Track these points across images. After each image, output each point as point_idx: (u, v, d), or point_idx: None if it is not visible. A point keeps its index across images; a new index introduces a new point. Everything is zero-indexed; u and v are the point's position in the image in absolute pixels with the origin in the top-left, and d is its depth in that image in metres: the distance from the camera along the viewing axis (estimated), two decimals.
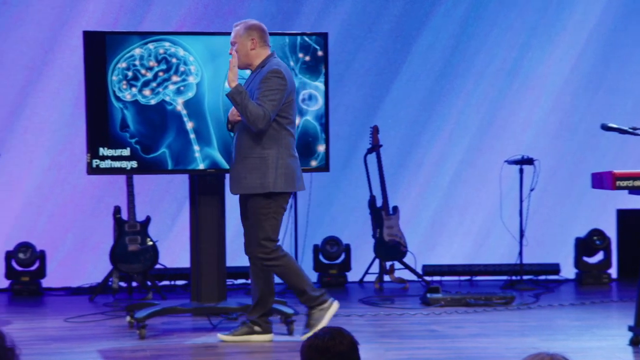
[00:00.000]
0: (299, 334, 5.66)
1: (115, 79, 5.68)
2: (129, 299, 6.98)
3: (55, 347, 5.44)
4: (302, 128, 5.89)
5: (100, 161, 5.71)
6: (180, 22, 7.46)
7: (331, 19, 7.66)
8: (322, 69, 5.89)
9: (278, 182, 5.35)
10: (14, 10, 7.32)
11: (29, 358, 2.37)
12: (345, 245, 7.60)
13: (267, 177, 5.34)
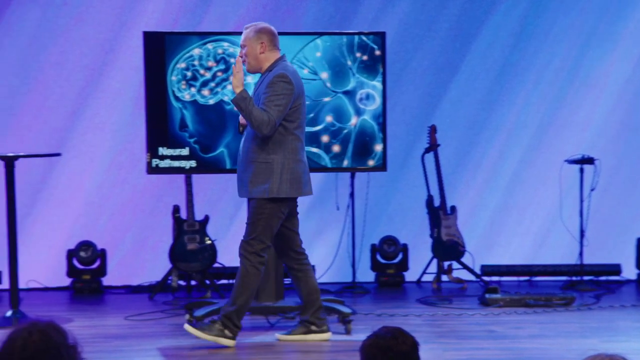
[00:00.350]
0: (356, 333, 5.66)
1: (174, 79, 5.73)
2: (188, 298, 7.03)
3: (115, 345, 5.49)
4: (359, 127, 5.88)
5: (159, 161, 5.76)
6: (239, 22, 7.49)
7: (389, 18, 7.63)
8: (380, 68, 5.88)
9: (283, 188, 5.31)
10: (74, 12, 7.42)
11: (90, 355, 2.40)
12: (402, 245, 7.57)
13: (272, 182, 5.29)
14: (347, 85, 5.87)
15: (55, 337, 2.43)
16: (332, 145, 5.90)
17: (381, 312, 6.44)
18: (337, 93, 5.88)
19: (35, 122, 7.40)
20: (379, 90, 5.89)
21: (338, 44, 5.84)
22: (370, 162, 5.94)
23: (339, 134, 5.90)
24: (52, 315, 6.22)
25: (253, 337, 5.69)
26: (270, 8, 7.54)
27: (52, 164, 7.33)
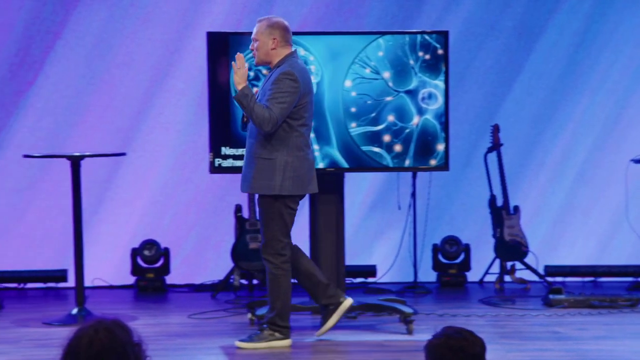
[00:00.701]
0: (418, 333, 5.64)
1: None
2: (250, 296, 7.07)
3: (178, 343, 5.54)
4: (421, 127, 5.86)
5: (222, 160, 5.80)
6: (302, 21, 7.51)
7: (452, 17, 7.59)
8: (443, 67, 5.85)
9: (285, 185, 5.29)
10: (140, 13, 7.50)
11: (154, 353, 2.43)
12: (464, 245, 7.53)
13: (275, 179, 5.28)
14: (409, 85, 5.86)
15: (120, 335, 2.46)
16: (393, 145, 5.89)
17: (443, 312, 6.41)
18: (399, 92, 5.87)
19: (101, 122, 7.49)
20: (442, 89, 5.86)
21: (400, 43, 5.82)
22: (432, 162, 5.92)
23: (401, 133, 5.89)
24: (117, 313, 6.30)
25: (314, 336, 5.69)
26: (333, 7, 7.54)
27: (118, 163, 7.42)
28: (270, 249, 5.39)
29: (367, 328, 5.91)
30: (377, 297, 6.44)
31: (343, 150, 5.82)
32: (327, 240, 5.95)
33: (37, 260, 7.41)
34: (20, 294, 7.28)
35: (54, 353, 2.51)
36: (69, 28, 7.42)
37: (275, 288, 5.40)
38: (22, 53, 7.40)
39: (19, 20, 7.37)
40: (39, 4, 7.38)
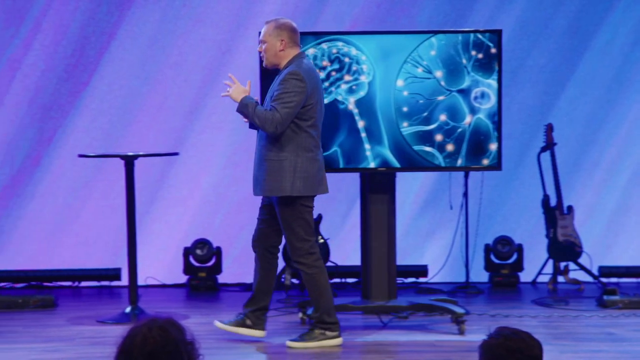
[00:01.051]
0: (470, 334, 5.61)
1: None
2: (301, 296, 7.08)
3: (230, 342, 5.57)
4: (473, 126, 5.83)
5: None
6: (354, 21, 7.51)
7: (505, 15, 7.54)
8: (495, 66, 5.81)
9: (296, 186, 5.30)
10: (193, 13, 7.55)
11: (206, 352, 2.44)
12: (517, 245, 7.48)
13: (285, 180, 5.29)
14: (462, 84, 5.83)
15: (174, 333, 2.47)
16: (445, 144, 5.86)
17: (495, 312, 6.37)
18: (452, 92, 5.84)
19: (154, 122, 7.56)
20: (494, 88, 5.82)
21: (453, 42, 5.79)
22: (485, 161, 5.88)
23: (453, 132, 5.86)
24: (169, 312, 6.34)
25: (365, 336, 5.69)
26: (384, 7, 7.53)
27: (170, 163, 7.48)
28: (299, 251, 5.41)
29: (419, 328, 5.89)
30: (428, 297, 6.42)
31: (395, 150, 5.81)
32: (378, 240, 5.94)
33: (91, 259, 7.50)
34: (74, 292, 7.37)
35: (107, 351, 2.54)
36: (123, 29, 7.50)
37: (315, 287, 5.42)
38: (77, 54, 7.49)
39: (74, 22, 7.46)
40: (94, 5, 7.46)
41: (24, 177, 7.48)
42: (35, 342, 5.57)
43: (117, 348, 2.49)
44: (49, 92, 7.49)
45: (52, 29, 7.45)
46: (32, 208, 7.49)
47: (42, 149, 7.49)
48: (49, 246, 7.48)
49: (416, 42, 5.81)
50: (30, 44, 7.44)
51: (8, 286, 7.37)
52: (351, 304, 5.95)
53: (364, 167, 5.84)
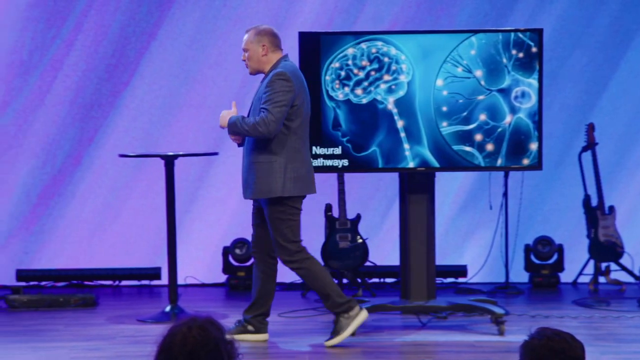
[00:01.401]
0: (510, 334, 5.58)
1: (328, 78, 5.78)
2: None
3: (269, 342, 5.58)
4: (514, 126, 5.79)
5: (312, 159, 5.81)
6: (393, 20, 7.50)
7: (546, 14, 7.49)
8: (536, 65, 5.78)
9: (287, 187, 5.32)
10: (232, 13, 7.57)
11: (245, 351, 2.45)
12: (557, 245, 7.42)
13: (276, 182, 5.31)
14: (502, 83, 5.79)
15: (213, 332, 2.48)
16: (485, 144, 5.83)
17: (535, 313, 6.33)
18: (492, 91, 5.81)
19: (194, 122, 7.59)
20: (535, 88, 5.78)
21: (493, 41, 5.76)
22: (525, 161, 5.84)
23: (493, 132, 5.83)
24: (209, 311, 6.37)
25: (404, 336, 5.68)
26: (424, 6, 7.51)
27: (210, 162, 7.51)
28: (287, 252, 5.42)
29: (458, 328, 5.87)
30: (467, 297, 6.39)
31: (434, 150, 5.79)
32: (417, 240, 5.92)
33: (131, 258, 7.55)
34: (115, 291, 7.42)
35: (148, 350, 2.55)
36: (163, 29, 7.54)
37: (314, 279, 5.45)
38: (117, 54, 7.54)
39: (114, 22, 7.51)
40: (134, 6, 7.51)
41: (65, 177, 7.55)
42: (76, 341, 5.62)
43: (157, 347, 2.50)
44: (90, 92, 7.55)
45: (93, 29, 7.50)
46: (73, 207, 7.55)
47: (83, 149, 7.55)
48: (89, 245, 7.54)
49: (456, 41, 5.79)
50: (71, 45, 7.50)
51: (49, 285, 7.44)
52: (390, 304, 5.94)
53: (403, 167, 5.82)
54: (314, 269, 5.43)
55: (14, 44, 7.48)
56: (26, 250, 7.52)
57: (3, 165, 7.50)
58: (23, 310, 6.58)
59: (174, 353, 2.45)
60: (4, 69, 7.49)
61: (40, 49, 7.49)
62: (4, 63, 7.48)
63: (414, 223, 5.92)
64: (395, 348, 5.45)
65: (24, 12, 7.47)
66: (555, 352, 2.65)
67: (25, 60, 7.50)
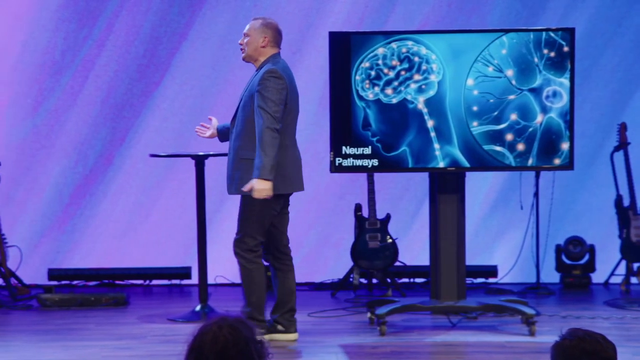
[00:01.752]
0: (540, 335, 5.55)
1: (358, 78, 5.78)
2: (369, 296, 7.07)
3: (299, 341, 5.59)
4: (545, 125, 5.77)
5: (342, 159, 5.81)
6: (424, 20, 7.48)
7: (578, 13, 7.45)
8: (568, 65, 5.74)
9: (275, 184, 5.31)
10: (263, 13, 7.56)
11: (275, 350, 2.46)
12: (589, 246, 7.37)
13: None
14: (533, 83, 5.77)
15: (244, 331, 2.49)
16: (516, 144, 5.81)
17: (566, 314, 6.29)
18: (523, 91, 5.78)
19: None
20: (567, 87, 5.75)
21: (525, 40, 5.73)
22: (556, 161, 5.81)
23: (524, 132, 5.80)
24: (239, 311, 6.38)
25: (434, 336, 5.67)
26: (455, 6, 7.49)
27: None
28: (244, 245, 5.46)
29: (488, 329, 5.85)
30: (498, 297, 6.37)
31: (464, 150, 5.77)
32: (447, 240, 5.90)
33: (162, 257, 7.58)
34: (145, 290, 7.45)
35: (178, 349, 2.56)
36: (194, 29, 7.57)
37: (250, 283, 5.47)
38: (149, 54, 7.58)
39: (146, 22, 7.55)
40: (166, 6, 7.55)
41: (97, 177, 7.59)
42: (107, 340, 5.65)
43: (187, 346, 2.51)
44: (121, 92, 7.59)
45: (124, 29, 7.54)
46: (104, 207, 7.60)
47: (115, 149, 7.60)
48: (120, 245, 7.58)
49: (487, 40, 5.77)
50: (103, 45, 7.54)
51: (81, 284, 7.49)
52: (420, 304, 5.93)
53: (433, 167, 5.81)
54: (255, 276, 5.47)
55: (46, 45, 7.54)
56: (58, 250, 7.58)
57: (35, 165, 7.56)
58: (55, 309, 6.63)
59: (204, 352, 2.46)
60: (36, 70, 7.55)
61: (72, 50, 7.54)
62: (36, 63, 7.54)
63: (444, 223, 5.91)
64: (425, 348, 5.44)
65: (56, 13, 7.52)
66: (587, 353, 2.64)
67: (58, 60, 7.55)
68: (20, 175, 7.54)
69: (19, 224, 7.54)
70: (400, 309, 5.85)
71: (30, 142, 7.57)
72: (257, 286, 5.48)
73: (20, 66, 7.55)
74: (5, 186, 7.27)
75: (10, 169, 7.36)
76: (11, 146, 7.53)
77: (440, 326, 5.93)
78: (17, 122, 7.57)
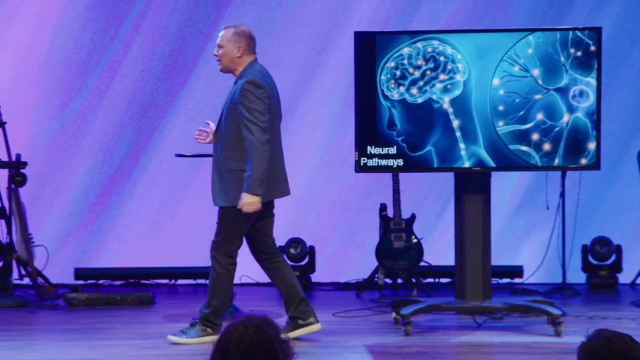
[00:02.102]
0: (567, 335, 5.52)
1: (383, 78, 5.77)
2: (394, 296, 7.06)
3: (323, 341, 5.58)
4: (571, 125, 5.73)
5: (367, 159, 5.81)
6: (449, 20, 7.46)
7: (605, 13, 7.40)
8: (595, 64, 5.71)
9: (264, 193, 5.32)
10: (289, 13, 7.59)
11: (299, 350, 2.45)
12: (616, 246, 7.33)
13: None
14: (560, 82, 5.74)
15: (269, 331, 2.49)
16: (542, 144, 5.78)
17: (593, 314, 6.26)
18: (549, 90, 5.75)
19: None
20: (593, 86, 5.72)
21: (551, 40, 5.71)
22: (583, 161, 5.78)
23: (550, 131, 5.77)
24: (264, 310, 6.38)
25: (459, 337, 5.65)
26: (481, 5, 7.46)
27: None
28: (222, 249, 5.44)
29: (514, 329, 5.82)
30: (523, 298, 6.34)
31: (490, 149, 5.75)
32: (473, 240, 5.88)
33: (187, 257, 7.60)
34: (171, 290, 7.48)
35: (204, 348, 2.57)
36: (220, 29, 7.56)
37: (217, 287, 5.46)
38: (175, 54, 7.60)
39: (172, 23, 7.58)
40: (192, 7, 7.57)
41: (123, 176, 7.63)
42: (133, 339, 5.67)
43: (213, 346, 2.52)
44: (147, 92, 7.62)
45: (150, 30, 7.57)
46: (130, 207, 7.63)
47: (140, 149, 7.63)
48: (146, 244, 7.61)
49: (513, 40, 5.74)
50: (129, 45, 7.58)
51: (107, 283, 7.52)
52: (445, 304, 5.92)
53: (459, 167, 5.79)
54: (223, 280, 5.46)
55: (73, 45, 7.58)
56: (84, 249, 7.62)
57: (62, 164, 7.60)
58: (81, 308, 6.66)
59: (230, 352, 2.46)
60: (63, 70, 7.59)
61: (98, 50, 7.58)
62: (63, 64, 7.59)
63: (469, 223, 5.89)
64: (451, 349, 5.42)
65: (82, 13, 7.56)
66: (615, 353, 2.62)
67: (84, 60, 7.59)
68: (47, 175, 7.59)
69: (46, 224, 7.58)
70: (425, 309, 5.83)
71: (57, 142, 7.61)
72: (222, 291, 5.49)
73: (47, 66, 7.59)
74: (32, 186, 7.32)
75: (37, 169, 7.40)
76: (38, 146, 7.58)
77: (465, 326, 5.91)
78: (44, 122, 7.62)
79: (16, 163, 6.93)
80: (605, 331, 2.70)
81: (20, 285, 7.17)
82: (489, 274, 5.93)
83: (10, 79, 7.59)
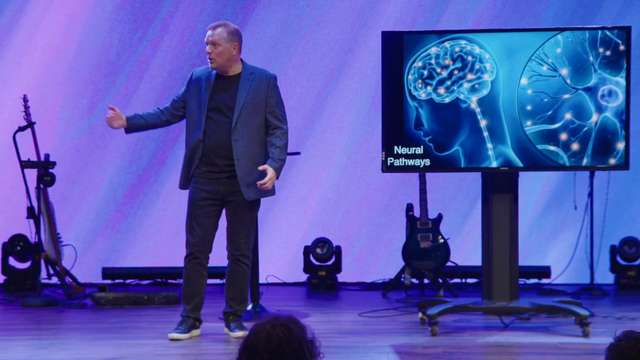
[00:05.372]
0: (594, 336, 5.49)
1: (411, 78, 5.76)
2: (421, 296, 7.05)
3: (350, 341, 5.58)
4: (600, 125, 5.70)
5: (394, 159, 5.80)
6: (477, 19, 7.44)
7: (634, 12, 7.35)
8: (624, 63, 5.67)
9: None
10: (316, 13, 7.60)
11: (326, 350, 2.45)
12: None
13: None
14: (588, 82, 5.71)
15: (296, 331, 2.50)
16: (570, 144, 5.75)
17: (621, 315, 6.22)
18: (578, 90, 5.72)
19: None
20: (622, 86, 5.68)
21: (580, 39, 5.68)
22: (612, 161, 5.74)
23: (579, 131, 5.74)
24: (290, 310, 6.40)
25: (487, 337, 5.63)
26: (510, 4, 7.44)
27: (292, 162, 7.54)
28: (250, 246, 5.66)
29: (541, 330, 5.80)
30: (551, 298, 6.31)
31: (518, 149, 5.73)
32: (500, 240, 5.86)
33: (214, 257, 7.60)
34: None
35: (231, 348, 2.58)
36: (247, 30, 7.60)
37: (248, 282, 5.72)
38: (202, 54, 7.62)
39: (200, 23, 7.60)
40: (219, 7, 7.59)
41: (150, 176, 7.66)
42: (160, 338, 5.69)
43: (240, 345, 2.53)
44: (175, 92, 7.63)
45: (178, 30, 7.60)
46: (157, 207, 7.66)
47: (168, 149, 7.65)
48: (173, 244, 7.63)
49: (541, 39, 5.72)
50: (157, 46, 7.61)
51: (134, 283, 7.55)
52: (472, 305, 5.90)
53: (486, 167, 5.77)
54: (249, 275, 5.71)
55: (101, 46, 7.62)
56: (112, 249, 7.65)
57: (90, 164, 7.65)
58: (108, 307, 6.70)
59: (258, 351, 2.47)
60: (92, 70, 7.64)
61: (127, 50, 7.62)
62: (92, 64, 7.63)
63: (496, 223, 5.86)
64: (477, 349, 5.40)
65: (111, 14, 7.60)
66: None
67: (113, 61, 7.63)
68: (75, 174, 7.63)
69: (74, 223, 7.63)
70: (452, 309, 5.82)
71: (85, 142, 7.66)
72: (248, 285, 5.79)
73: (75, 67, 7.64)
74: (61, 186, 7.37)
75: (65, 169, 7.45)
76: (66, 146, 7.63)
77: (492, 327, 5.89)
78: (72, 123, 7.66)
79: (45, 163, 6.98)
80: (634, 332, 2.68)
81: (49, 284, 7.22)
82: (516, 274, 5.91)
83: (39, 79, 7.64)
